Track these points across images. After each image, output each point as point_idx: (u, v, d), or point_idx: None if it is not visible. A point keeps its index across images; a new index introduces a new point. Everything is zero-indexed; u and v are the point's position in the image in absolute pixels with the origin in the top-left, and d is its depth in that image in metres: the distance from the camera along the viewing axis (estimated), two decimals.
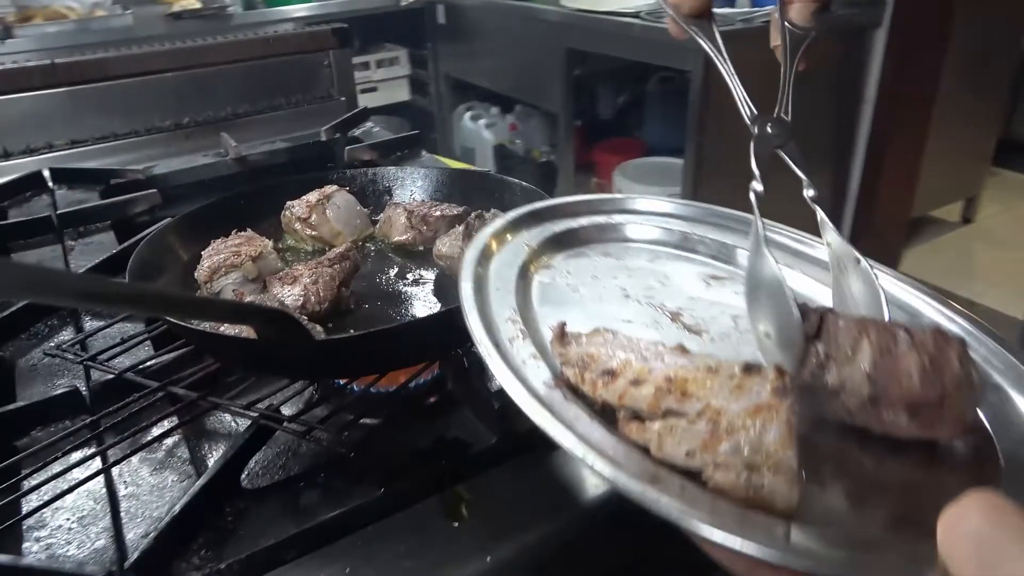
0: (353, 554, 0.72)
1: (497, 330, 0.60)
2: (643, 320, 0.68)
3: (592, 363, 0.55)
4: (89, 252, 1.30)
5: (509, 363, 0.55)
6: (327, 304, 0.89)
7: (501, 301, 0.65)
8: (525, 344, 0.59)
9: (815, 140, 3.17)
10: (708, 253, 0.80)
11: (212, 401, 0.81)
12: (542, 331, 0.63)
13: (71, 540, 0.73)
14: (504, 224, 0.77)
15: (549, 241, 0.78)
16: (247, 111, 1.92)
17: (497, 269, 0.70)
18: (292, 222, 1.11)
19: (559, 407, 0.52)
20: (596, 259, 0.78)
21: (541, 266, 0.75)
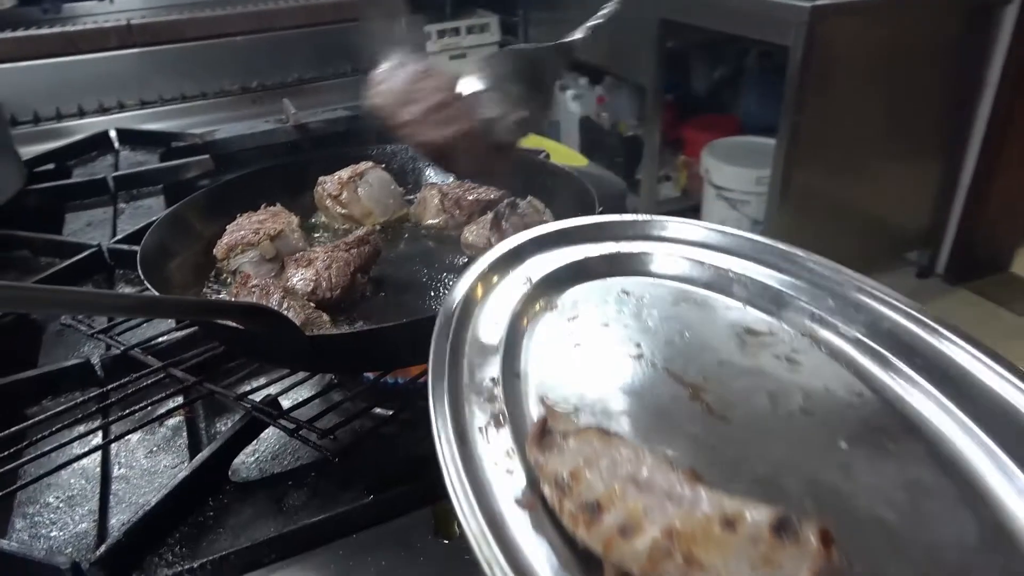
0: (333, 565, 0.68)
1: (469, 411, 0.47)
2: (656, 395, 0.54)
3: (574, 486, 0.42)
4: (137, 216, 1.30)
5: (470, 467, 0.43)
6: (338, 291, 0.85)
7: (484, 361, 0.53)
8: (501, 434, 0.47)
9: (923, 123, 2.91)
10: (746, 297, 0.65)
11: (208, 387, 0.78)
12: (529, 410, 0.51)
13: (56, 520, 0.72)
14: (504, 252, 0.64)
15: (555, 275, 0.65)
16: (314, 77, 1.90)
17: (489, 312, 0.58)
18: (323, 198, 1.07)
19: (523, 543, 0.40)
20: (610, 300, 0.64)
21: (542, 308, 0.62)
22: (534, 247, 0.66)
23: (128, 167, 1.49)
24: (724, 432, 0.51)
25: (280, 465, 0.79)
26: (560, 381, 0.54)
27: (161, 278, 0.86)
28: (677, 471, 0.42)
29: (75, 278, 1.10)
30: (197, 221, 0.99)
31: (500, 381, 0.51)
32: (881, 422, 0.51)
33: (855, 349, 0.58)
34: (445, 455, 0.44)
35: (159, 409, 0.80)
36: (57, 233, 1.28)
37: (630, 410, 0.52)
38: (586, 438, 0.45)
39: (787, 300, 0.63)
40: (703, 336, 0.60)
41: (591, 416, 0.51)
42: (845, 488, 0.46)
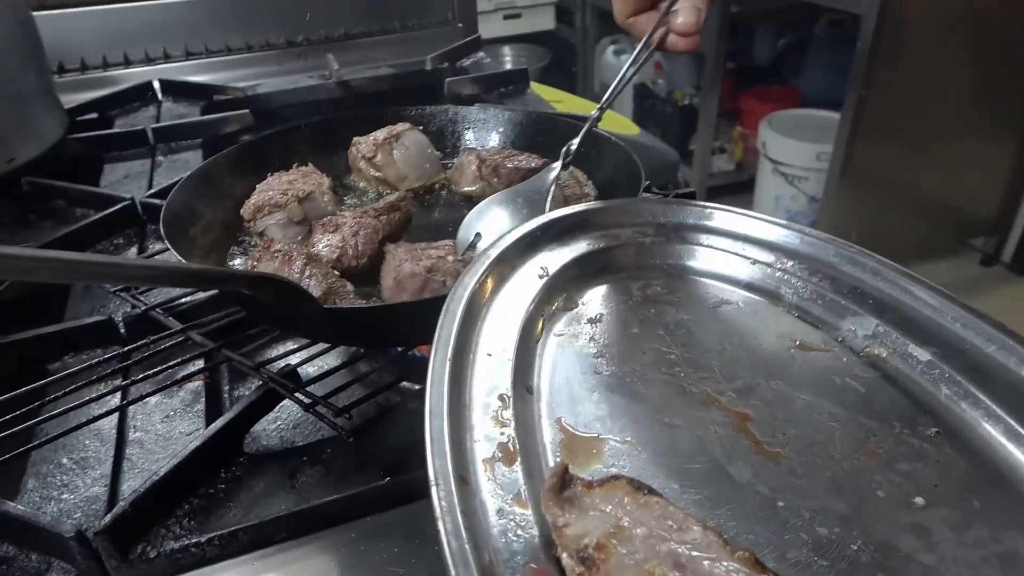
0: (344, 548, 0.65)
1: (469, 445, 0.39)
2: (696, 426, 0.45)
3: (601, 561, 0.34)
4: (174, 169, 1.29)
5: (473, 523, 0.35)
6: (365, 260, 0.81)
7: (490, 378, 0.44)
8: (510, 472, 0.39)
9: (1001, 102, 2.73)
10: (798, 304, 0.56)
11: (225, 354, 0.75)
12: (545, 436, 0.43)
13: (68, 483, 0.70)
14: (517, 239, 0.55)
15: (576, 267, 0.56)
16: (361, 32, 1.85)
17: (498, 312, 0.49)
18: (357, 160, 1.03)
19: None
20: (638, 300, 0.55)
21: (560, 307, 0.54)
22: (552, 234, 0.58)
23: (169, 119, 1.47)
24: (775, 476, 0.43)
25: (300, 435, 0.77)
26: (580, 400, 0.46)
27: (186, 238, 0.84)
28: (732, 554, 0.34)
29: (107, 231, 1.09)
30: (226, 179, 0.95)
31: (510, 400, 0.43)
32: (962, 472, 0.43)
33: (925, 375, 0.50)
34: (441, 503, 0.36)
35: (178, 373, 0.77)
36: (95, 183, 1.27)
37: (663, 442, 0.44)
38: (614, 492, 0.38)
39: (846, 310, 0.55)
40: (747, 349, 0.52)
41: (617, 448, 0.43)
42: (925, 560, 0.39)
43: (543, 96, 1.54)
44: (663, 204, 0.63)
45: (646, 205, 0.62)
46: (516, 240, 0.55)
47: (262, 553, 0.65)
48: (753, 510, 0.40)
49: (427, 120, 1.10)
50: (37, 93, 1.27)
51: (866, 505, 0.41)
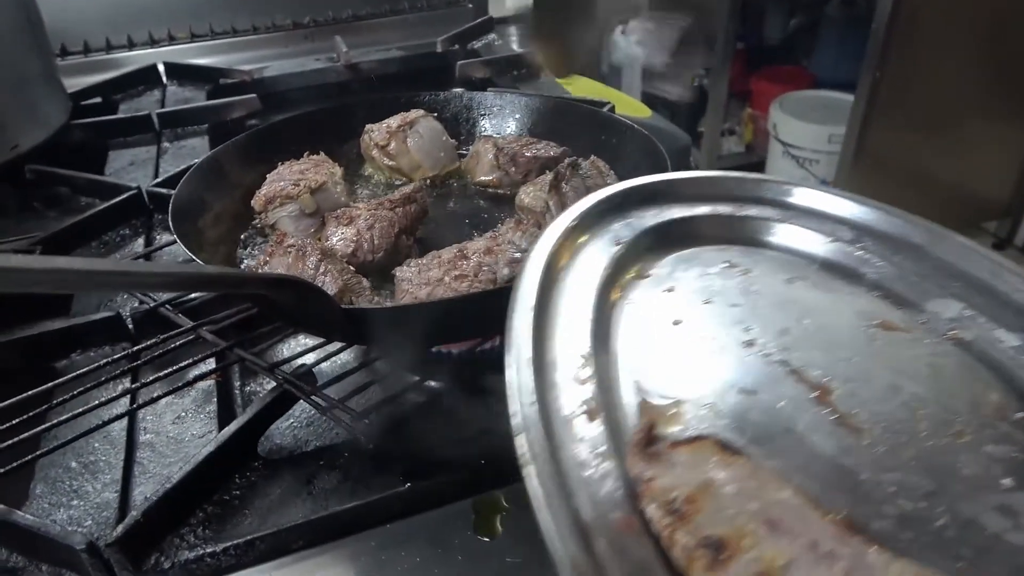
0: (364, 557, 0.62)
1: (554, 397, 0.40)
2: (772, 395, 0.44)
3: (690, 515, 0.34)
4: (180, 156, 1.25)
5: (560, 471, 0.36)
6: (381, 254, 0.78)
7: (570, 338, 0.44)
8: (593, 427, 0.39)
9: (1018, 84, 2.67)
10: (880, 283, 0.54)
11: (238, 354, 0.72)
12: (623, 398, 0.43)
13: (77, 489, 0.68)
14: (593, 204, 0.56)
15: (650, 235, 0.56)
16: (369, 13, 1.80)
17: (571, 282, 0.49)
18: (370, 148, 0.99)
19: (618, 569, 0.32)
20: (714, 272, 0.54)
21: (634, 276, 0.53)
22: (630, 203, 0.58)
23: (175, 103, 1.43)
24: (857, 450, 0.41)
25: (314, 434, 0.74)
26: (658, 365, 0.46)
27: (194, 230, 0.81)
28: (827, 516, 0.34)
29: (113, 221, 1.06)
30: (236, 168, 0.92)
31: (590, 360, 0.43)
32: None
33: (1013, 360, 0.48)
34: (531, 450, 0.37)
35: (189, 373, 0.75)
36: (100, 171, 1.24)
37: (742, 410, 0.43)
38: (703, 452, 0.38)
39: (930, 292, 0.53)
40: (826, 325, 0.50)
41: (696, 413, 0.43)
42: (1013, 540, 0.37)
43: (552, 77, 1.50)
44: (742, 178, 0.62)
45: (725, 179, 0.61)
46: (592, 207, 0.56)
47: (279, 563, 0.63)
48: (834, 481, 0.39)
49: (441, 106, 1.07)
50: (40, 77, 1.24)
51: (951, 483, 0.40)
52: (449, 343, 0.74)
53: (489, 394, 0.74)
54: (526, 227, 0.73)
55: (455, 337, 0.71)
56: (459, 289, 0.67)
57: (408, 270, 0.70)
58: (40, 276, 0.36)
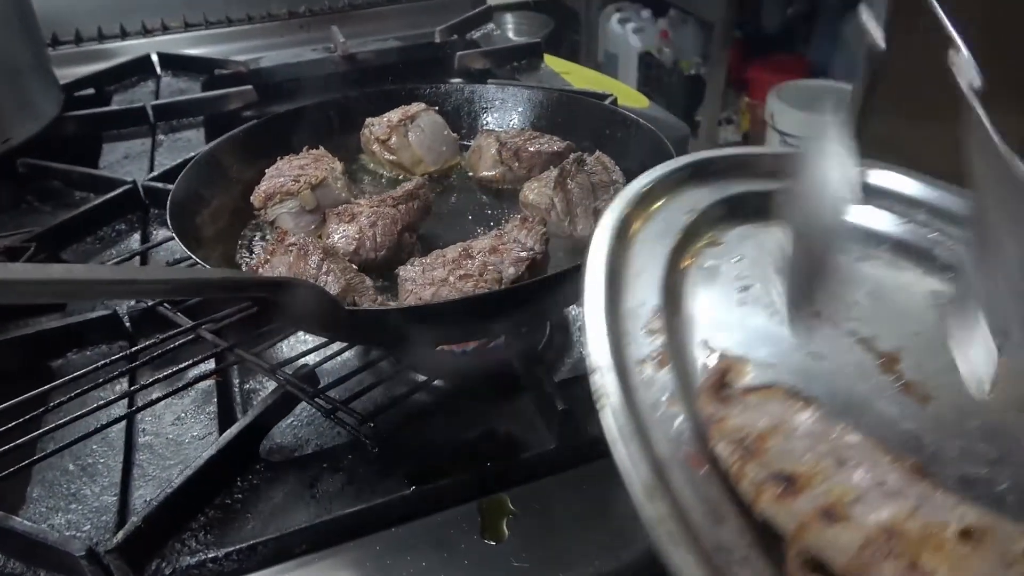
0: (368, 563, 0.61)
1: (625, 344, 0.43)
2: (839, 361, 0.46)
3: (760, 452, 0.36)
4: (176, 149, 1.23)
5: (632, 408, 0.38)
6: (384, 252, 0.77)
7: (642, 292, 0.47)
8: (662, 374, 0.41)
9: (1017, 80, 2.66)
10: (949, 263, 0.55)
11: (239, 354, 0.71)
12: (691, 351, 0.46)
13: (75, 492, 0.66)
14: (668, 172, 0.57)
15: (721, 208, 0.58)
16: (365, 2, 1.78)
17: (647, 240, 0.52)
18: (370, 142, 0.98)
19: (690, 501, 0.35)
20: (785, 245, 0.54)
21: (705, 243, 0.55)
22: (704, 173, 0.60)
23: (169, 95, 1.41)
24: (923, 416, 0.43)
25: (314, 433, 0.73)
26: (725, 326, 0.48)
27: (193, 228, 0.79)
28: (895, 460, 0.35)
29: (108, 216, 1.04)
30: (234, 163, 0.90)
31: (660, 315, 0.45)
32: None
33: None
34: (604, 389, 0.39)
35: (188, 374, 0.73)
36: (94, 163, 1.22)
37: (809, 372, 0.45)
38: (773, 398, 0.40)
39: None
40: (896, 302, 0.52)
41: (763, 372, 0.44)
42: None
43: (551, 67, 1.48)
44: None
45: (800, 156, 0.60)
46: (666, 174, 0.57)
47: (282, 567, 0.62)
48: (898, 443, 0.40)
49: (442, 99, 1.05)
50: (31, 68, 1.22)
51: (1016, 453, 0.41)
52: (454, 343, 0.72)
53: (494, 394, 0.73)
54: (531, 225, 0.72)
55: (461, 337, 0.70)
56: (464, 289, 0.65)
57: (412, 269, 0.69)
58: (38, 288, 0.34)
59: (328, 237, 0.78)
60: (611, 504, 0.65)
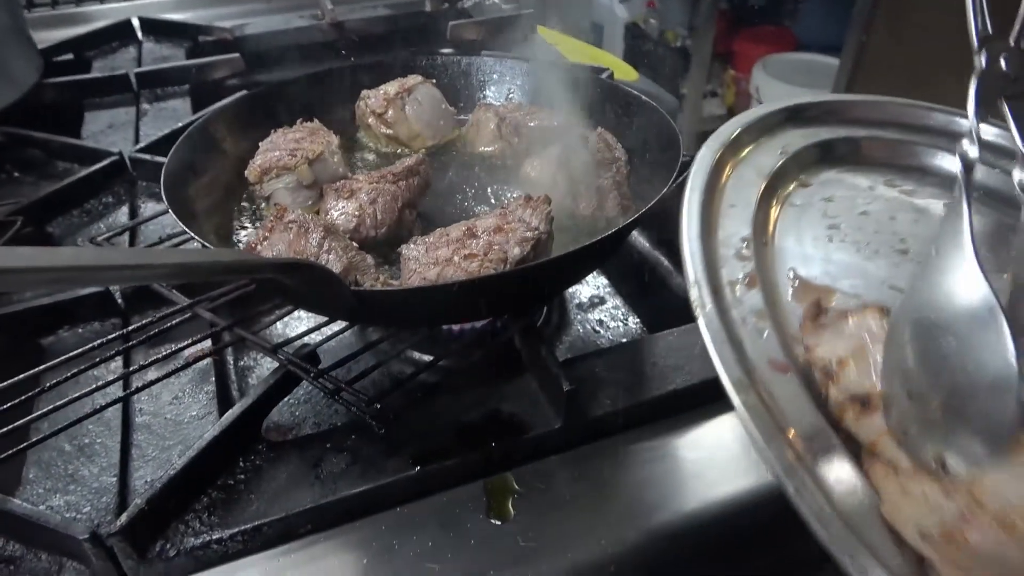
0: (375, 543, 0.61)
1: (718, 266, 0.47)
2: None
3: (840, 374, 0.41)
4: (161, 119, 1.20)
5: (724, 319, 0.43)
6: (384, 229, 0.75)
7: (734, 224, 0.51)
8: (751, 295, 0.46)
9: None
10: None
11: (238, 333, 0.70)
12: (778, 278, 0.49)
13: (73, 473, 0.65)
14: (759, 118, 0.60)
15: (814, 150, 0.61)
16: None
17: (739, 178, 0.55)
18: (366, 115, 0.96)
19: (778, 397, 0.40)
20: (873, 188, 0.60)
21: (796, 183, 0.59)
22: (798, 118, 0.63)
23: (152, 62, 1.37)
24: None
25: (312, 411, 0.72)
26: (813, 257, 0.52)
27: (187, 202, 0.78)
28: None
29: (94, 188, 1.01)
30: (226, 136, 0.88)
31: (751, 243, 0.49)
32: None
33: None
34: (701, 300, 0.44)
35: (185, 354, 0.72)
36: (75, 133, 1.18)
37: (890, 302, 0.47)
38: (865, 318, 0.44)
39: None
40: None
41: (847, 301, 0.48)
42: None
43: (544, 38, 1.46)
44: (908, 106, 0.66)
45: (891, 105, 0.66)
46: (761, 117, 0.61)
47: (287, 548, 0.61)
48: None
49: (438, 71, 1.03)
50: (9, 32, 1.17)
51: None
52: (459, 323, 0.72)
53: (498, 375, 0.73)
54: (536, 204, 0.71)
55: (466, 318, 0.70)
56: (469, 269, 0.65)
57: (415, 248, 0.68)
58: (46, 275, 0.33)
59: (326, 213, 0.77)
60: (616, 483, 0.65)
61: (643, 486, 0.64)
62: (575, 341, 0.88)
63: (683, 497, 0.63)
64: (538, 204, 0.71)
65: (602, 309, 0.93)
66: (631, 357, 0.74)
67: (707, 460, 0.66)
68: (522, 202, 0.72)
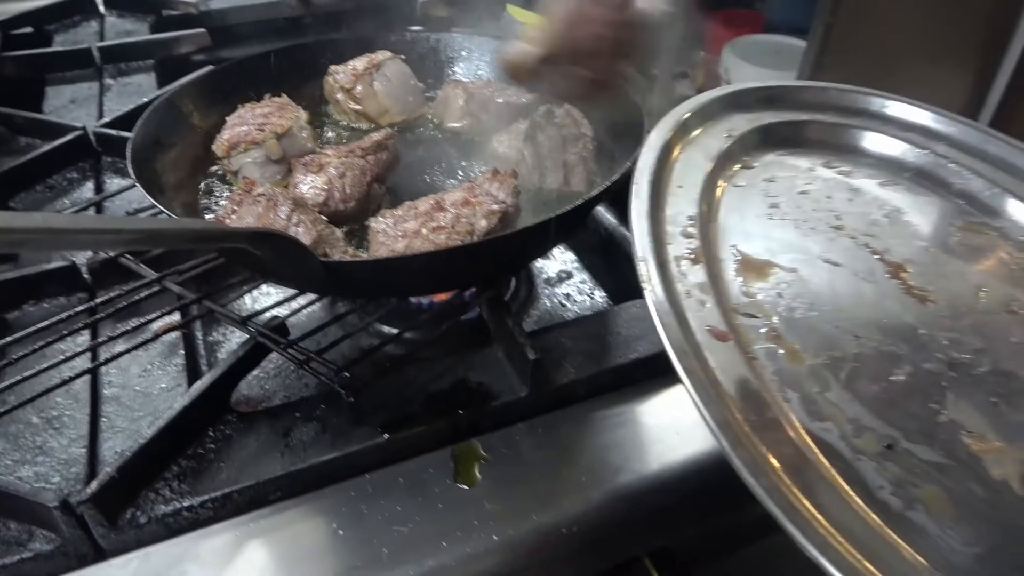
0: (344, 508, 0.62)
1: (665, 242, 0.50)
2: (856, 267, 0.54)
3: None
4: (126, 94, 1.19)
5: (670, 292, 0.46)
6: (353, 203, 0.76)
7: (681, 203, 0.54)
8: (695, 270, 0.49)
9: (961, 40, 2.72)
10: (964, 192, 0.63)
11: (208, 306, 0.70)
12: (722, 254, 0.53)
13: (41, 445, 0.66)
14: (707, 102, 0.64)
15: (758, 134, 0.64)
16: None
17: (687, 160, 0.58)
18: (335, 91, 0.96)
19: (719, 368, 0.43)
20: (812, 169, 0.63)
21: (740, 165, 0.62)
22: (742, 103, 0.66)
23: (115, 37, 1.35)
24: (922, 313, 0.51)
25: (281, 385, 0.73)
26: (754, 235, 0.55)
27: (154, 176, 0.77)
28: None
29: (58, 164, 1.00)
30: (193, 110, 0.88)
31: (696, 221, 0.52)
32: None
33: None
34: (648, 274, 0.46)
35: (154, 326, 0.72)
36: (37, 108, 1.17)
37: (824, 274, 0.52)
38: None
39: (1011, 203, 0.61)
40: (910, 222, 0.59)
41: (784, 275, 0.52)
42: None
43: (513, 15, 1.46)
44: (848, 91, 0.70)
45: (832, 90, 0.69)
46: (710, 101, 0.64)
47: (257, 514, 0.62)
48: (899, 332, 0.49)
49: (407, 48, 1.03)
50: None
51: (999, 345, 0.49)
52: (426, 294, 0.73)
53: (466, 345, 0.74)
54: (503, 178, 0.72)
55: (433, 289, 0.71)
56: (437, 241, 0.66)
57: (384, 221, 0.69)
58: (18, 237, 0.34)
59: (295, 187, 0.77)
60: (580, 448, 0.67)
61: (606, 450, 0.66)
62: (543, 315, 0.90)
63: (644, 460, 0.65)
64: (505, 178, 0.72)
65: (570, 283, 0.94)
66: (595, 328, 0.76)
67: (668, 425, 0.68)
68: (489, 176, 0.73)
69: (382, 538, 0.60)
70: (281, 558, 0.59)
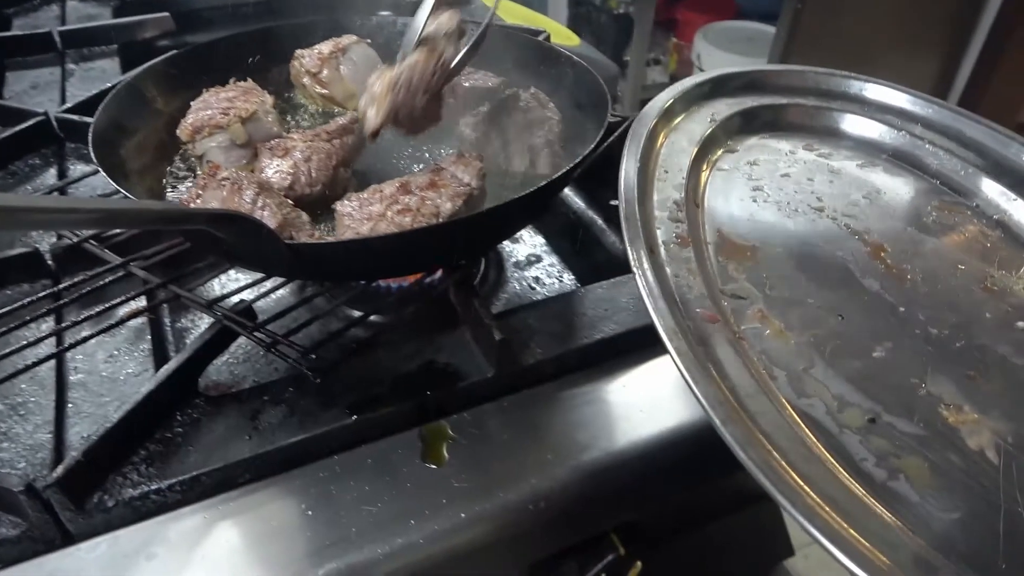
0: (312, 489, 0.63)
1: (654, 227, 0.52)
2: (834, 246, 0.56)
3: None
4: (89, 80, 1.17)
5: (659, 276, 0.48)
6: (319, 187, 0.76)
7: (668, 188, 0.56)
8: (684, 252, 0.51)
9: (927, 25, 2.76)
10: (939, 172, 0.65)
11: (173, 290, 0.70)
12: (708, 237, 0.54)
13: (5, 431, 0.65)
14: (690, 87, 0.65)
15: (740, 118, 0.66)
16: None
17: (672, 145, 0.60)
18: (301, 75, 0.95)
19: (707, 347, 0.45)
20: (794, 152, 0.65)
21: (723, 149, 0.64)
22: (725, 88, 0.68)
23: (77, 21, 1.33)
24: (900, 291, 0.53)
25: (251, 370, 0.73)
26: (738, 217, 0.57)
27: (118, 161, 0.77)
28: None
29: (19, 150, 0.99)
30: (157, 94, 0.87)
31: (682, 206, 0.54)
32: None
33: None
34: (637, 258, 0.48)
35: (119, 311, 0.72)
36: None
37: (807, 254, 0.54)
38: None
39: (985, 182, 0.64)
40: (888, 203, 0.61)
41: (768, 253, 0.53)
42: (1016, 361, 0.49)
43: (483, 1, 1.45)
44: (827, 74, 0.71)
45: (811, 74, 0.71)
46: (692, 87, 0.65)
47: (226, 497, 0.63)
48: (878, 310, 0.51)
49: (373, 32, 1.03)
50: None
51: (975, 321, 0.51)
52: (393, 277, 0.73)
53: (433, 327, 0.75)
54: (469, 161, 0.72)
55: (399, 271, 0.71)
56: (403, 224, 0.66)
57: (349, 204, 0.69)
58: None
59: (261, 172, 0.77)
60: (547, 426, 0.68)
61: (572, 428, 0.67)
62: (512, 297, 0.90)
63: (610, 437, 0.66)
64: (470, 161, 0.72)
65: (539, 267, 0.95)
66: (562, 309, 0.76)
67: (633, 403, 0.69)
68: (455, 159, 0.73)
69: (351, 518, 0.61)
70: (250, 539, 0.60)
